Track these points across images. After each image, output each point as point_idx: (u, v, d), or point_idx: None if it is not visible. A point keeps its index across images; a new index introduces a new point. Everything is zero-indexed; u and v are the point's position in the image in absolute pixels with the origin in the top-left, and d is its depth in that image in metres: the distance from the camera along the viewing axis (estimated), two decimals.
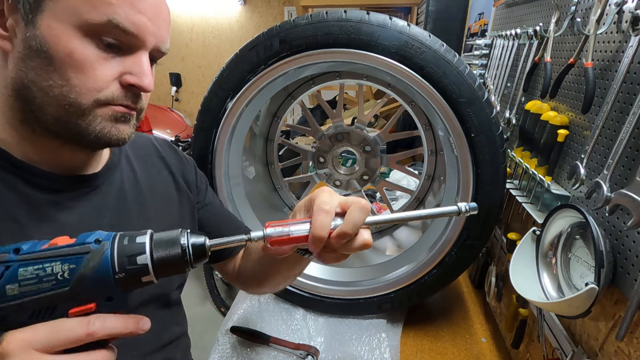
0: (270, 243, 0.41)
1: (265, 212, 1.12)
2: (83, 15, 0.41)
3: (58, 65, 0.42)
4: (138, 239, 0.36)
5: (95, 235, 0.36)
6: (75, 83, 0.43)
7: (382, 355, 0.89)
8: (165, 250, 0.37)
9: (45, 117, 0.45)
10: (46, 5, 0.41)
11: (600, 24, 0.61)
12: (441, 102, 0.75)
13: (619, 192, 0.51)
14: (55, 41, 0.42)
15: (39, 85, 0.43)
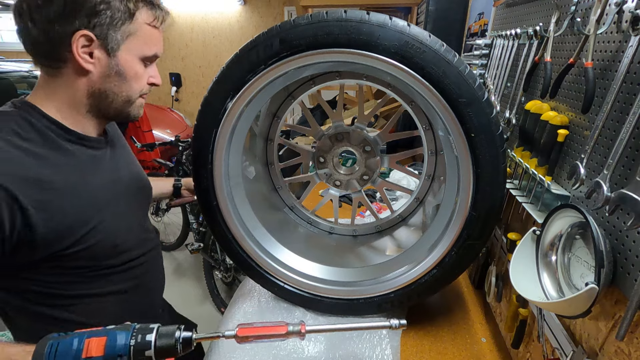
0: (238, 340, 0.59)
1: (265, 212, 1.12)
2: (144, 52, 0.76)
3: (129, 80, 0.76)
4: (147, 337, 0.55)
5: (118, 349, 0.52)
6: (135, 88, 0.78)
7: (383, 352, 0.89)
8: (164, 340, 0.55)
9: (109, 108, 0.78)
10: (122, 48, 0.73)
11: (600, 23, 0.61)
12: (441, 102, 0.75)
13: (619, 192, 0.51)
14: (128, 66, 0.75)
15: (114, 91, 0.76)
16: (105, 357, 0.52)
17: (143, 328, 0.56)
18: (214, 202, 0.94)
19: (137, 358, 0.53)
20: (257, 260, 1.01)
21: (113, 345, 0.53)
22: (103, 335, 0.54)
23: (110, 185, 0.81)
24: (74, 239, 0.71)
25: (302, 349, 0.91)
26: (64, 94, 0.73)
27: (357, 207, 1.24)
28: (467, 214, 0.82)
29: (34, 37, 0.67)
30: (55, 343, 0.52)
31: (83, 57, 0.69)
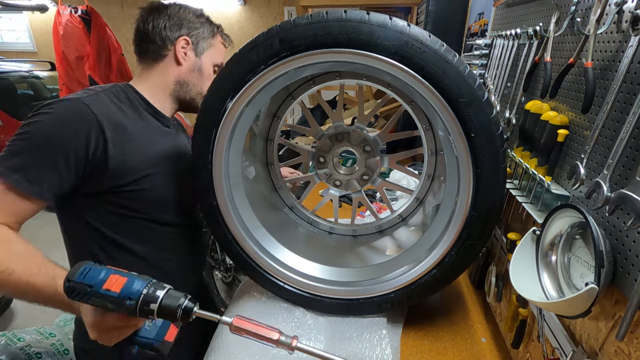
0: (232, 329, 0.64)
1: (265, 212, 1.12)
2: (216, 60, 1.07)
3: (204, 77, 1.05)
4: (157, 292, 0.60)
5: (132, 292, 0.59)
6: (206, 85, 0.93)
7: (383, 352, 0.89)
8: (169, 301, 0.60)
9: (186, 95, 1.05)
10: (205, 53, 1.04)
11: (600, 23, 0.61)
12: (441, 102, 0.75)
13: (619, 192, 0.51)
14: (207, 67, 1.05)
15: (193, 83, 1.04)
16: (119, 295, 0.59)
17: (157, 284, 0.62)
18: (214, 202, 0.94)
19: (142, 307, 0.59)
20: (257, 260, 1.01)
21: (129, 287, 0.59)
22: (125, 276, 0.61)
23: (170, 154, 0.99)
24: (133, 178, 0.88)
25: None
26: (156, 79, 1.01)
27: (357, 207, 1.24)
28: (467, 214, 0.82)
29: (150, 37, 0.98)
30: (88, 268, 0.61)
31: (181, 53, 0.99)
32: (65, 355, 1.63)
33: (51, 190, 0.78)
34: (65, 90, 3.05)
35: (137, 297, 0.59)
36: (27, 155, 0.75)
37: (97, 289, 0.59)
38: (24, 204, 0.76)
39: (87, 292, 0.59)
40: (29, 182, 0.74)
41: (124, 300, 0.59)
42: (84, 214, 0.88)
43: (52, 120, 0.78)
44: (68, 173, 0.78)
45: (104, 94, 0.89)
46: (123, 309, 0.59)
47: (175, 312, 0.60)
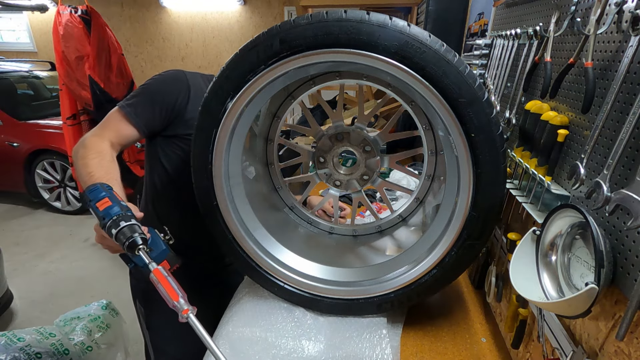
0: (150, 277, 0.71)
1: (265, 212, 1.12)
2: None
3: None
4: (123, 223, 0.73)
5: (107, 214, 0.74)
6: None
7: (383, 352, 0.89)
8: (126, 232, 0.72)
9: None
10: None
11: (600, 24, 0.61)
12: (441, 102, 0.75)
13: (619, 192, 0.51)
14: None
15: None
16: (100, 212, 0.74)
17: (128, 216, 0.74)
18: (214, 202, 0.94)
19: (108, 227, 0.72)
20: (257, 260, 1.01)
21: (108, 210, 0.74)
22: (112, 201, 0.75)
23: None
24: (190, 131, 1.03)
25: (302, 349, 0.91)
26: None
27: (357, 207, 1.24)
28: (467, 214, 0.82)
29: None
30: (96, 186, 0.79)
31: None
32: (65, 355, 1.63)
33: (147, 125, 1.05)
34: (65, 90, 3.05)
35: (109, 219, 0.72)
36: (139, 97, 1.06)
37: (92, 203, 0.76)
38: (129, 130, 1.04)
39: (87, 203, 0.77)
40: (135, 115, 1.03)
41: (102, 218, 0.73)
42: (159, 151, 1.15)
43: (162, 78, 1.10)
44: (160, 114, 1.07)
45: (199, 75, 1.16)
46: (101, 224, 0.74)
47: (123, 242, 0.71)
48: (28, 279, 2.95)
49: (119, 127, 1.03)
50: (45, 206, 4.17)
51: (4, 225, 3.86)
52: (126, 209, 0.76)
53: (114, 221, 0.72)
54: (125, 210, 0.75)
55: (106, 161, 0.95)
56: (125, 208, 0.76)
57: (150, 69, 6.15)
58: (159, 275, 0.70)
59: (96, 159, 0.93)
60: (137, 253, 0.72)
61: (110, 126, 1.03)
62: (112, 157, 0.98)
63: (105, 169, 0.92)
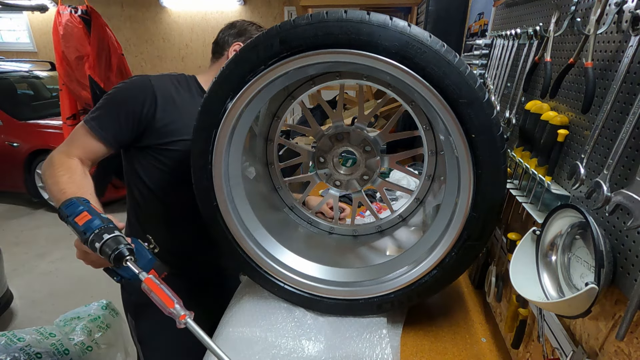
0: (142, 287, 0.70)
1: (265, 212, 1.12)
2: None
3: None
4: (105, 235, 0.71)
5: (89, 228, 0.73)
6: None
7: (383, 352, 0.89)
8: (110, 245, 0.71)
9: None
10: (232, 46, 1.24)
11: (600, 24, 0.61)
12: (441, 103, 0.75)
13: (619, 192, 0.51)
14: None
15: None
16: (80, 227, 0.72)
17: (110, 228, 0.73)
18: (214, 202, 0.94)
19: (91, 242, 0.71)
20: (257, 261, 1.01)
21: (89, 224, 0.72)
22: (91, 215, 0.74)
23: None
24: (171, 139, 1.08)
25: (302, 349, 0.91)
26: (212, 72, 1.16)
27: (357, 207, 1.24)
28: (467, 215, 0.82)
29: (218, 42, 1.21)
30: (73, 201, 0.76)
31: (231, 52, 1.18)
32: (65, 355, 1.63)
33: (114, 137, 1.02)
34: (65, 90, 3.05)
35: (90, 233, 0.71)
36: (103, 110, 1.03)
37: (71, 219, 0.73)
38: (96, 145, 1.01)
39: (66, 220, 0.75)
40: (100, 129, 1.00)
41: (82, 233, 0.72)
42: (135, 163, 1.12)
43: (124, 87, 1.06)
44: (127, 125, 1.03)
45: (168, 77, 1.13)
46: (82, 239, 0.72)
47: (108, 254, 0.70)
48: (28, 279, 2.95)
49: (85, 142, 1.00)
50: (45, 206, 4.17)
51: (4, 225, 3.86)
52: (107, 220, 0.74)
53: (97, 234, 0.71)
54: (106, 223, 0.73)
55: (77, 176, 0.92)
56: (107, 220, 0.75)
57: (150, 69, 6.15)
58: (151, 284, 0.69)
59: (66, 176, 0.90)
60: (124, 264, 0.71)
61: (76, 142, 1.00)
62: (83, 173, 0.95)
63: (77, 184, 0.90)
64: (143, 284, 0.69)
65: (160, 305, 0.68)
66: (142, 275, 0.70)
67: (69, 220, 0.74)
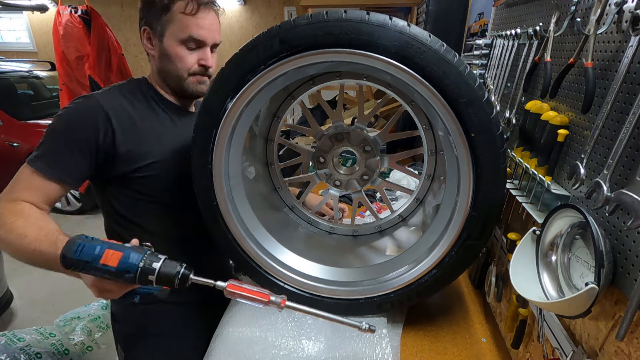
0: (226, 294, 0.67)
1: (265, 212, 1.12)
2: (179, 35, 0.95)
3: (173, 60, 0.97)
4: (154, 264, 0.64)
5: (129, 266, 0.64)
6: (180, 67, 0.98)
7: (383, 351, 0.89)
8: (166, 270, 0.64)
9: (170, 83, 1.03)
10: (165, 34, 0.96)
11: (600, 24, 0.61)
12: (441, 102, 0.75)
13: (619, 192, 0.51)
14: (171, 50, 0.96)
15: (167, 69, 0.99)
16: (117, 269, 0.63)
17: (153, 255, 0.65)
18: (214, 202, 0.94)
19: (140, 278, 0.64)
20: (257, 260, 1.01)
21: (126, 261, 0.63)
22: (120, 250, 0.64)
23: (178, 142, 1.01)
24: (140, 165, 0.95)
25: (302, 349, 0.91)
26: (153, 71, 1.04)
27: (357, 207, 1.24)
28: (467, 214, 0.82)
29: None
30: (82, 244, 0.63)
31: (146, 44, 1.00)
32: (65, 355, 1.63)
33: (70, 174, 0.88)
34: (65, 90, 3.05)
35: (135, 271, 0.63)
36: (48, 144, 0.87)
37: (95, 264, 0.63)
38: (49, 186, 0.86)
39: (84, 267, 0.63)
40: (49, 167, 0.85)
41: (123, 274, 0.63)
42: (107, 196, 0.99)
43: (68, 114, 0.90)
44: (83, 158, 0.88)
45: (117, 90, 0.99)
46: (122, 280, 0.64)
47: (172, 280, 0.65)
48: (28, 279, 2.95)
49: (35, 185, 0.85)
50: None
51: None
52: (138, 248, 0.66)
53: (144, 268, 0.63)
54: (141, 251, 0.65)
55: (34, 218, 0.80)
56: (138, 248, 0.66)
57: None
58: (235, 288, 0.66)
59: (20, 220, 0.78)
60: (190, 282, 0.66)
61: (23, 187, 0.85)
62: (39, 213, 0.83)
63: (38, 225, 0.79)
64: (227, 290, 0.66)
65: (254, 303, 0.66)
66: (219, 285, 0.66)
67: (92, 266, 0.63)
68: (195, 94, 1.04)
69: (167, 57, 0.97)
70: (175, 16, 0.93)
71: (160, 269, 0.64)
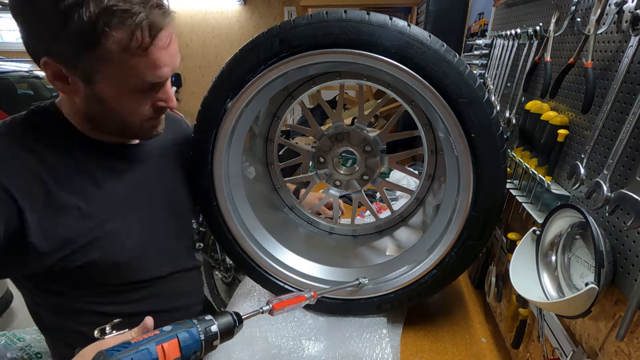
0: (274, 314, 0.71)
1: (265, 212, 1.12)
2: (125, 83, 0.63)
3: (115, 110, 0.66)
4: (212, 328, 0.58)
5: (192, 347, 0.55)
6: (128, 119, 0.69)
7: (383, 351, 0.89)
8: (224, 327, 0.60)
9: (108, 127, 0.72)
10: (95, 78, 0.61)
11: (600, 24, 0.61)
12: (441, 103, 0.75)
13: (619, 192, 0.51)
14: (110, 97, 0.64)
15: (101, 117, 0.69)
16: (182, 358, 0.54)
17: (202, 320, 0.58)
18: (214, 202, 0.94)
19: (207, 349, 0.57)
20: (257, 261, 1.01)
21: (188, 344, 0.55)
22: (172, 337, 0.54)
23: (122, 199, 0.73)
24: (70, 250, 0.65)
25: (302, 349, 0.91)
26: (70, 106, 0.70)
27: (357, 207, 1.24)
28: (467, 215, 0.82)
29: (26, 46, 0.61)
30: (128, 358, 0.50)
31: (55, 83, 0.62)
32: None
33: None
34: None
35: (200, 347, 0.56)
36: None
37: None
38: None
39: None
40: None
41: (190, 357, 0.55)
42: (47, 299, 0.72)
43: None
44: None
45: (9, 137, 0.64)
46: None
47: (233, 331, 0.61)
48: None
49: None
50: None
51: None
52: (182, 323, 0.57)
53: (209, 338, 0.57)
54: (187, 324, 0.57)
55: None
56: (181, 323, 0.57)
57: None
58: (280, 306, 0.72)
59: None
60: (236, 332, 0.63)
61: None
62: None
63: None
64: (274, 311, 0.71)
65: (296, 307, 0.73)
66: (265, 309, 0.71)
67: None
68: (150, 136, 0.76)
69: (104, 104, 0.65)
70: (112, 55, 0.58)
71: (220, 329, 0.59)
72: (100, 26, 0.55)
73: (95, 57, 0.58)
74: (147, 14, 0.57)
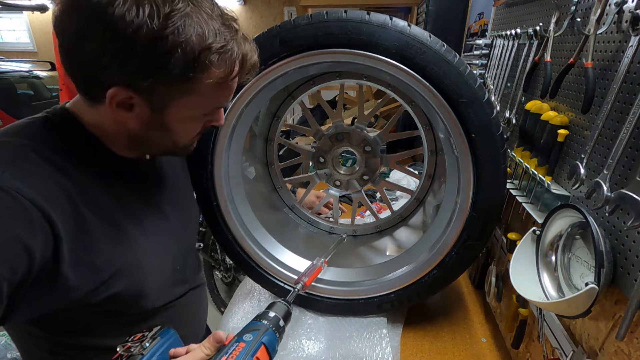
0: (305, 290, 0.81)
1: (265, 212, 1.12)
2: (204, 108, 0.62)
3: (174, 133, 0.63)
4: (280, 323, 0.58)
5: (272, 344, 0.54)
6: (180, 140, 0.65)
7: (383, 351, 0.89)
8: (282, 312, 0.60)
9: (151, 149, 0.69)
10: (171, 105, 0.58)
11: (600, 24, 0.61)
12: (441, 103, 0.75)
13: (619, 192, 0.51)
14: (177, 123, 0.61)
15: (152, 140, 0.63)
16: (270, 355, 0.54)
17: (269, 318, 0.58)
18: (214, 202, 0.94)
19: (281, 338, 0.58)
20: (257, 261, 1.01)
21: (272, 346, 0.54)
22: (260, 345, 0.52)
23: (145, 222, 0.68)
24: (101, 281, 0.58)
25: (302, 349, 0.91)
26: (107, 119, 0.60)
27: (357, 207, 1.24)
28: (467, 215, 0.82)
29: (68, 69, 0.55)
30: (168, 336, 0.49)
31: (118, 112, 0.56)
32: None
33: None
34: (65, 91, 3.04)
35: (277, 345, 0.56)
36: None
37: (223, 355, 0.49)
38: None
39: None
40: None
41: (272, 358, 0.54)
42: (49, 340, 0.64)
43: None
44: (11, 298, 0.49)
45: (35, 154, 0.54)
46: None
47: (290, 313, 0.62)
48: None
49: None
50: None
51: None
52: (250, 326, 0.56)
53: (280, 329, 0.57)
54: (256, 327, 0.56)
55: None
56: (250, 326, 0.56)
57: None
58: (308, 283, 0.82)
59: None
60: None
61: None
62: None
63: None
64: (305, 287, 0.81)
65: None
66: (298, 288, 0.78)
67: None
68: (184, 155, 0.78)
69: (165, 129, 0.61)
70: (200, 85, 0.56)
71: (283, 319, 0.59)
72: (199, 66, 0.53)
73: (182, 90, 0.56)
74: (239, 47, 0.58)
